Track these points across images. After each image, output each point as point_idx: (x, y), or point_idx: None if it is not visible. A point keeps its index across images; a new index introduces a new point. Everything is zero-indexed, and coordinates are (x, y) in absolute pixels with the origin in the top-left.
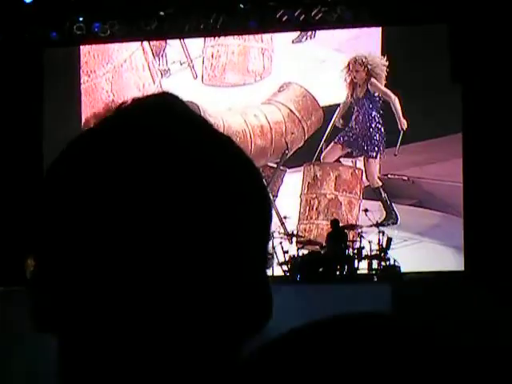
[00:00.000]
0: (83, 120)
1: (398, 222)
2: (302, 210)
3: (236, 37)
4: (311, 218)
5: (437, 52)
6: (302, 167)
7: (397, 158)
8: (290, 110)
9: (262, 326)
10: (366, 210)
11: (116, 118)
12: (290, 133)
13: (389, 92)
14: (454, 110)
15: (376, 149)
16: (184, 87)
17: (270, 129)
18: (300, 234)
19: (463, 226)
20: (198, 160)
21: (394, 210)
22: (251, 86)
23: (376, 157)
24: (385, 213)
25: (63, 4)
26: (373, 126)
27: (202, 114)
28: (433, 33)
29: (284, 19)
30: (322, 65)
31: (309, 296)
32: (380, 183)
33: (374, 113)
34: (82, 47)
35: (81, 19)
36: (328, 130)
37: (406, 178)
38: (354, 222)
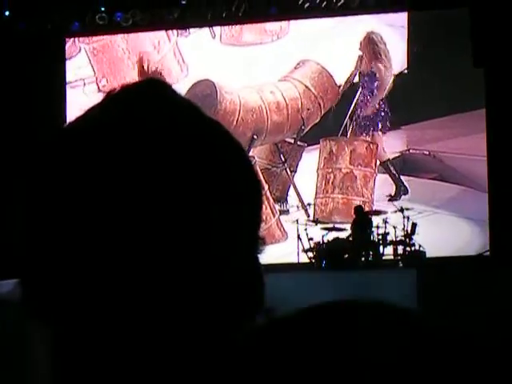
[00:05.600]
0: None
1: (409, 193)
2: (318, 184)
3: None
4: (327, 192)
5: (460, 36)
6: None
7: (419, 132)
8: (306, 87)
9: (255, 312)
10: (391, 196)
11: (107, 105)
12: (305, 109)
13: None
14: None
15: (381, 125)
16: (201, 46)
17: (286, 105)
18: (320, 209)
19: (488, 204)
20: (190, 145)
21: (402, 183)
22: (268, 44)
23: (382, 132)
24: (394, 186)
25: None
26: (376, 103)
27: (218, 91)
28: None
29: (306, 6)
30: (332, 32)
31: (334, 283)
32: (387, 157)
33: (375, 91)
34: None
35: (103, 9)
36: (352, 106)
37: (427, 153)
38: (369, 197)
